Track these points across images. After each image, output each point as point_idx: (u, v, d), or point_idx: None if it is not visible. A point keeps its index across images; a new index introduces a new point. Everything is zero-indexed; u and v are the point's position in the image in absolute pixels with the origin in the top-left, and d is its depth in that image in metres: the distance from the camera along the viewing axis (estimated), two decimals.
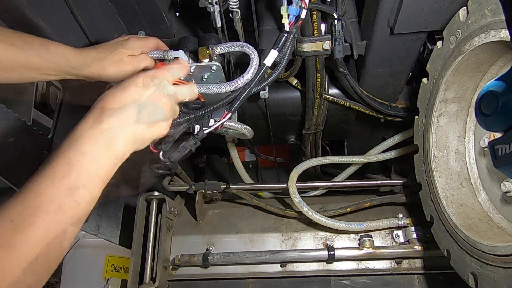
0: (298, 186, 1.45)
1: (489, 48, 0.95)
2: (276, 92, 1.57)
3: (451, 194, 1.15)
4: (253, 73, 1.02)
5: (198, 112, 1.02)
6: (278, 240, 1.48)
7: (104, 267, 2.61)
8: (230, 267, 1.44)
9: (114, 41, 1.11)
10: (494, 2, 0.87)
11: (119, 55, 1.07)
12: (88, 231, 1.48)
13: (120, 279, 2.61)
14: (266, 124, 1.68)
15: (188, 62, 1.09)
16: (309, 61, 1.29)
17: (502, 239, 0.96)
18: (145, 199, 1.44)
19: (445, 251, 1.16)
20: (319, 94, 1.41)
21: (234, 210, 1.60)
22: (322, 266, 1.42)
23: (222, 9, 1.12)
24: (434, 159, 1.18)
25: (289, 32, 1.04)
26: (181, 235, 1.52)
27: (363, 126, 1.75)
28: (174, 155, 1.02)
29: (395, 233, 1.42)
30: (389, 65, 1.34)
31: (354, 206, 1.47)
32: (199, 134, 1.04)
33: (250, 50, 1.03)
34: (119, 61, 1.07)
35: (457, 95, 1.13)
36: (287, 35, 1.05)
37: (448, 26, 1.09)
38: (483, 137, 1.09)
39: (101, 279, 2.58)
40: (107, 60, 1.05)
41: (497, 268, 0.90)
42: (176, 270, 1.45)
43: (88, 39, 1.23)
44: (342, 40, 1.20)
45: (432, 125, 1.17)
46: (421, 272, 1.38)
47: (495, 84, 0.75)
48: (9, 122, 1.25)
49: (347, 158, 1.69)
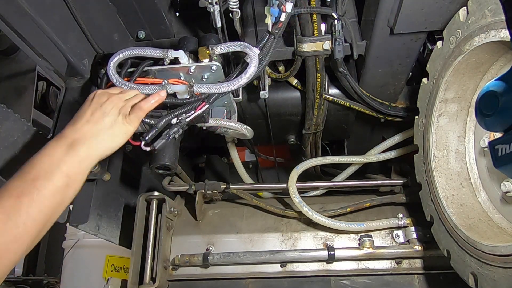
0: (298, 186, 1.44)
1: (489, 48, 0.95)
2: (276, 92, 1.57)
3: (451, 194, 1.15)
4: (253, 73, 1.03)
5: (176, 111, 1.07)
6: (278, 240, 1.48)
7: (104, 267, 2.61)
8: (230, 267, 1.44)
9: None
10: (494, 2, 0.87)
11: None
12: (88, 231, 1.47)
13: (120, 279, 2.61)
14: (266, 124, 1.68)
15: (188, 62, 1.09)
16: (309, 61, 1.29)
17: (502, 239, 0.96)
18: (145, 199, 1.44)
19: (445, 251, 1.16)
20: (319, 94, 1.41)
21: (234, 210, 1.59)
22: (322, 266, 1.42)
23: (222, 9, 1.12)
24: (434, 159, 1.18)
25: (271, 32, 1.05)
26: (181, 235, 1.52)
27: (363, 126, 1.75)
28: (158, 143, 1.04)
29: (395, 233, 1.42)
30: (389, 65, 1.34)
31: (354, 206, 1.47)
32: (181, 121, 1.06)
33: (250, 50, 1.03)
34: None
35: (457, 95, 1.13)
36: (268, 36, 1.06)
37: (448, 26, 1.09)
38: (483, 137, 1.09)
39: (101, 279, 2.58)
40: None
41: (497, 268, 0.90)
42: (176, 270, 1.45)
43: (88, 39, 1.23)
44: (342, 40, 1.20)
45: (432, 125, 1.17)
46: (421, 272, 1.38)
47: (495, 84, 0.75)
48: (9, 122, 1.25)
49: (347, 158, 1.69)
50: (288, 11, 1.03)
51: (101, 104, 0.99)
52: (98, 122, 0.97)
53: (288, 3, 1.02)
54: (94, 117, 0.97)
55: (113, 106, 1.00)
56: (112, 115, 0.98)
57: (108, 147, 0.98)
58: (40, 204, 0.84)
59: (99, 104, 1.00)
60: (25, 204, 0.82)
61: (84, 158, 0.92)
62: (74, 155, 0.90)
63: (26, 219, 0.81)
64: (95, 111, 0.98)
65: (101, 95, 1.02)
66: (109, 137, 0.97)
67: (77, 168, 0.91)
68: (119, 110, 1.00)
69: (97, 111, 0.98)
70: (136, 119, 1.02)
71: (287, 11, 1.03)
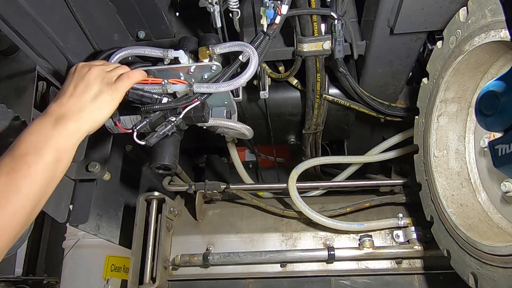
0: (298, 186, 1.45)
1: (489, 48, 0.95)
2: (276, 92, 1.57)
3: (451, 194, 1.15)
4: (253, 72, 1.03)
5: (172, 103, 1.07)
6: (278, 240, 1.48)
7: (104, 267, 2.61)
8: (230, 267, 1.44)
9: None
10: (494, 2, 0.87)
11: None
12: (88, 231, 1.47)
13: (120, 279, 2.62)
14: (266, 124, 1.68)
15: (188, 62, 1.09)
16: (309, 61, 1.29)
17: (502, 239, 0.96)
18: (145, 199, 1.44)
19: (445, 251, 1.16)
20: (319, 94, 1.41)
21: (234, 210, 1.59)
22: (322, 266, 1.42)
23: (222, 9, 1.12)
24: (434, 159, 1.18)
25: (265, 33, 1.05)
26: (181, 235, 1.52)
27: (363, 126, 1.75)
28: (151, 139, 1.05)
29: (395, 233, 1.42)
30: (389, 65, 1.34)
31: (354, 206, 1.47)
32: (177, 120, 1.06)
33: (250, 50, 1.03)
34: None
35: (457, 95, 1.13)
36: (263, 36, 1.06)
37: (448, 26, 1.09)
38: (483, 137, 1.09)
39: (101, 279, 2.58)
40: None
41: (497, 268, 0.90)
42: (176, 270, 1.45)
43: (88, 39, 1.23)
44: (342, 40, 1.20)
45: (432, 125, 1.17)
46: (421, 272, 1.38)
47: (495, 84, 0.75)
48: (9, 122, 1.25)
49: (347, 158, 1.69)
50: (283, 13, 1.03)
51: (83, 76, 0.97)
52: (83, 95, 0.94)
53: (284, 5, 1.02)
54: (77, 90, 0.94)
55: (96, 76, 0.97)
56: (96, 85, 0.95)
57: (95, 120, 0.95)
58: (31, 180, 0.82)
59: (81, 76, 0.97)
60: (16, 181, 0.80)
61: (72, 132, 0.90)
62: (62, 129, 0.88)
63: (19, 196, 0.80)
64: (77, 84, 0.95)
65: (83, 67, 0.99)
66: (96, 109, 0.94)
67: (66, 143, 0.89)
68: (102, 79, 0.97)
69: (80, 84, 0.95)
70: (122, 87, 0.98)
71: (282, 14, 1.03)
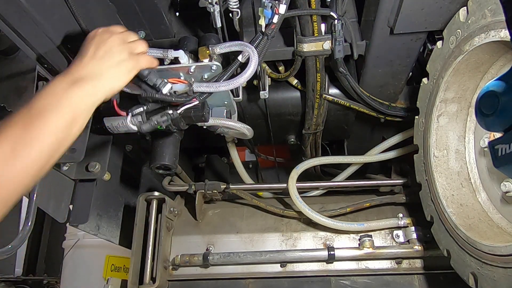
0: (298, 186, 1.45)
1: (489, 48, 0.95)
2: (276, 92, 1.57)
3: (451, 194, 1.15)
4: (252, 72, 1.03)
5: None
6: (278, 240, 1.48)
7: (104, 267, 2.61)
8: (230, 267, 1.44)
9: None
10: (494, 2, 0.87)
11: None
12: (88, 231, 1.47)
13: (120, 279, 2.61)
14: (266, 124, 1.68)
15: (188, 62, 1.09)
16: (309, 61, 1.29)
17: (502, 239, 0.96)
18: (145, 199, 1.44)
19: (445, 251, 1.16)
20: (319, 94, 1.41)
21: (234, 210, 1.60)
22: (322, 266, 1.42)
23: (222, 9, 1.12)
24: (434, 159, 1.18)
25: (264, 33, 1.05)
26: (181, 235, 1.52)
27: (363, 126, 1.75)
28: (144, 126, 1.04)
29: (395, 233, 1.42)
30: (389, 65, 1.34)
31: (354, 206, 1.47)
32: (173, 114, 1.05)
33: (250, 49, 1.03)
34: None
35: (457, 95, 1.13)
36: (261, 36, 1.06)
37: (448, 26, 1.09)
38: (483, 137, 1.09)
39: (101, 279, 2.58)
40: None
41: (497, 268, 0.90)
42: (176, 270, 1.45)
43: None
44: (342, 40, 1.20)
45: (432, 125, 1.17)
46: (421, 272, 1.38)
47: (495, 84, 0.75)
48: None
49: (347, 158, 1.69)
50: (281, 13, 1.03)
51: (105, 41, 0.95)
52: (104, 60, 0.93)
53: (281, 5, 1.02)
54: (98, 54, 0.93)
55: (119, 43, 0.96)
56: (118, 53, 0.95)
57: (112, 87, 0.94)
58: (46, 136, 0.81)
59: (102, 40, 0.95)
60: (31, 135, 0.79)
61: (90, 95, 0.89)
62: (80, 90, 0.87)
63: (31, 150, 0.79)
64: (98, 48, 0.94)
65: (104, 32, 0.97)
66: (115, 75, 0.94)
67: (83, 105, 0.87)
68: (124, 48, 0.96)
69: (101, 48, 0.94)
70: (143, 62, 0.99)
71: (280, 13, 1.03)
